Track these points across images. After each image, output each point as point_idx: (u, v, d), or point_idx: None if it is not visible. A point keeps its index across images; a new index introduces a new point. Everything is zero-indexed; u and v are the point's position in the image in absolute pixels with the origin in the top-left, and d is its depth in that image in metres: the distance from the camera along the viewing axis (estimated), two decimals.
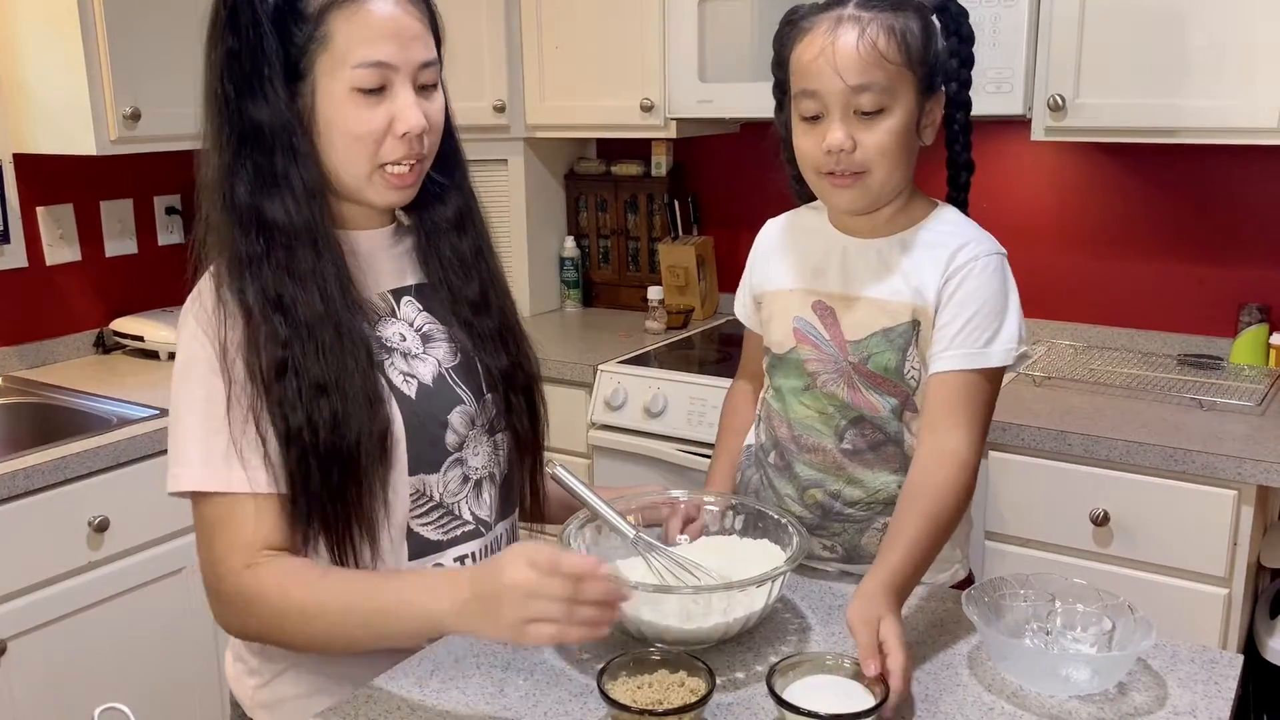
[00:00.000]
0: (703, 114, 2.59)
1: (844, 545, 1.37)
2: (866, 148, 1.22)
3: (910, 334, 1.28)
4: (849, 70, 1.19)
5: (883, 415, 1.31)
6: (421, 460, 1.22)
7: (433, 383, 1.24)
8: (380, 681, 1.15)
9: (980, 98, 2.21)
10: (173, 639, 2.18)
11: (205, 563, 1.17)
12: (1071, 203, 2.56)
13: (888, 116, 1.21)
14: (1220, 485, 1.88)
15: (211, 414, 1.13)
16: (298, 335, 1.13)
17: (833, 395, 1.32)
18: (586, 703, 1.09)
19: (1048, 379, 2.28)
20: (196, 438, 1.14)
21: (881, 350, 1.29)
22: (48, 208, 2.58)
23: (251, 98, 1.12)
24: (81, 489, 2.01)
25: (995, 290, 1.26)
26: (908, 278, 1.28)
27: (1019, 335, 1.27)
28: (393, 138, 1.15)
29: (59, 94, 2.30)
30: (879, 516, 1.34)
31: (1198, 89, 2.05)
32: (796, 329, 1.35)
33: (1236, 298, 2.40)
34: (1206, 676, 1.13)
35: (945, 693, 1.11)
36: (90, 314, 2.70)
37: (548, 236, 3.13)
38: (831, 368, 1.32)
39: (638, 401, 2.46)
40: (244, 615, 1.15)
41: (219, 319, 1.14)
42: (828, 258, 1.34)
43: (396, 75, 1.14)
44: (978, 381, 1.25)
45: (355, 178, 1.17)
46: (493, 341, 1.30)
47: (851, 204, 1.28)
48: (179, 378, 1.17)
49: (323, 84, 1.14)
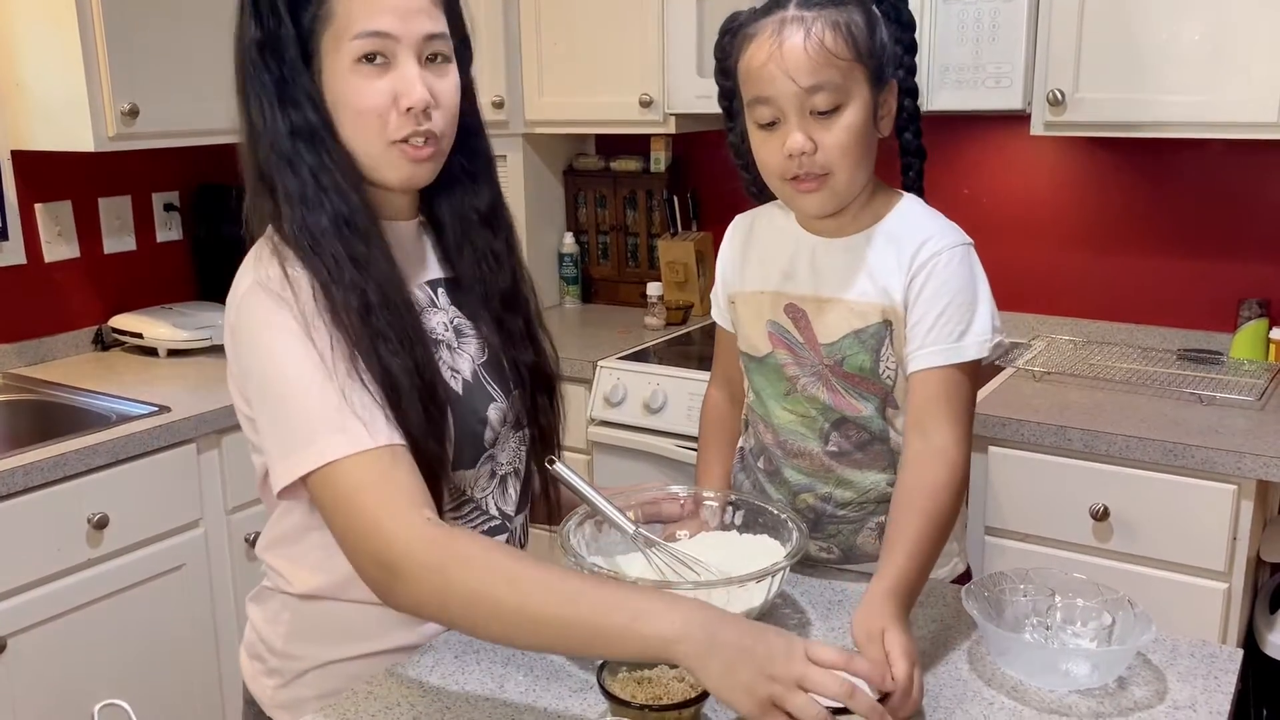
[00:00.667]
0: (702, 109, 2.58)
1: (840, 546, 1.36)
2: (827, 148, 1.20)
3: (882, 333, 1.27)
4: (800, 72, 1.17)
5: (865, 415, 1.30)
6: (462, 457, 1.21)
7: (472, 378, 1.24)
8: (381, 676, 1.15)
9: (979, 92, 2.25)
10: (173, 636, 2.18)
11: (370, 532, 1.04)
12: (1071, 197, 2.55)
13: (844, 113, 1.20)
14: (1220, 480, 1.88)
15: (321, 381, 1.07)
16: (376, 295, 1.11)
17: (813, 399, 1.32)
18: (586, 698, 1.09)
19: (1047, 374, 2.28)
20: (318, 407, 1.07)
21: (855, 352, 1.28)
22: (46, 205, 2.58)
23: (280, 85, 1.12)
24: (80, 486, 2.00)
25: (963, 283, 1.24)
26: (874, 278, 1.27)
27: (992, 325, 1.25)
28: (398, 113, 1.13)
29: (57, 90, 2.29)
30: (872, 516, 1.33)
31: (1198, 83, 2.05)
32: (771, 333, 1.34)
33: (1236, 292, 2.39)
34: (1206, 671, 1.13)
35: (945, 688, 1.11)
36: (89, 311, 2.69)
37: (547, 233, 3.13)
38: (809, 371, 1.31)
39: (637, 398, 2.46)
40: (446, 575, 1.01)
41: (295, 291, 1.11)
42: (796, 259, 1.33)
43: (398, 46, 1.12)
44: (956, 376, 1.24)
45: (370, 156, 1.15)
46: (521, 339, 1.30)
47: (820, 207, 1.26)
48: (265, 359, 1.10)
49: (328, 61, 1.13)
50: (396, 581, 1.03)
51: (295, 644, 1.24)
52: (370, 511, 1.04)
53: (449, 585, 1.01)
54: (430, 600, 1.03)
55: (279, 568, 1.25)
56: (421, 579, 1.02)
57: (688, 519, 1.35)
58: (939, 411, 1.23)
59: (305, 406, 1.07)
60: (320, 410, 1.07)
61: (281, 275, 1.11)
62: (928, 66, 2.21)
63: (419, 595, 1.03)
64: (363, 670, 1.21)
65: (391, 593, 1.05)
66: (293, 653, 1.25)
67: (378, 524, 1.04)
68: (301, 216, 1.12)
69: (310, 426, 1.07)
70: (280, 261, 1.12)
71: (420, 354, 1.14)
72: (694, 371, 2.44)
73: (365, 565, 1.06)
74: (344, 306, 1.10)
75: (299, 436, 1.07)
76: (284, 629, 1.25)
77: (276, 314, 1.10)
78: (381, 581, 1.05)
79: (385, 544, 1.03)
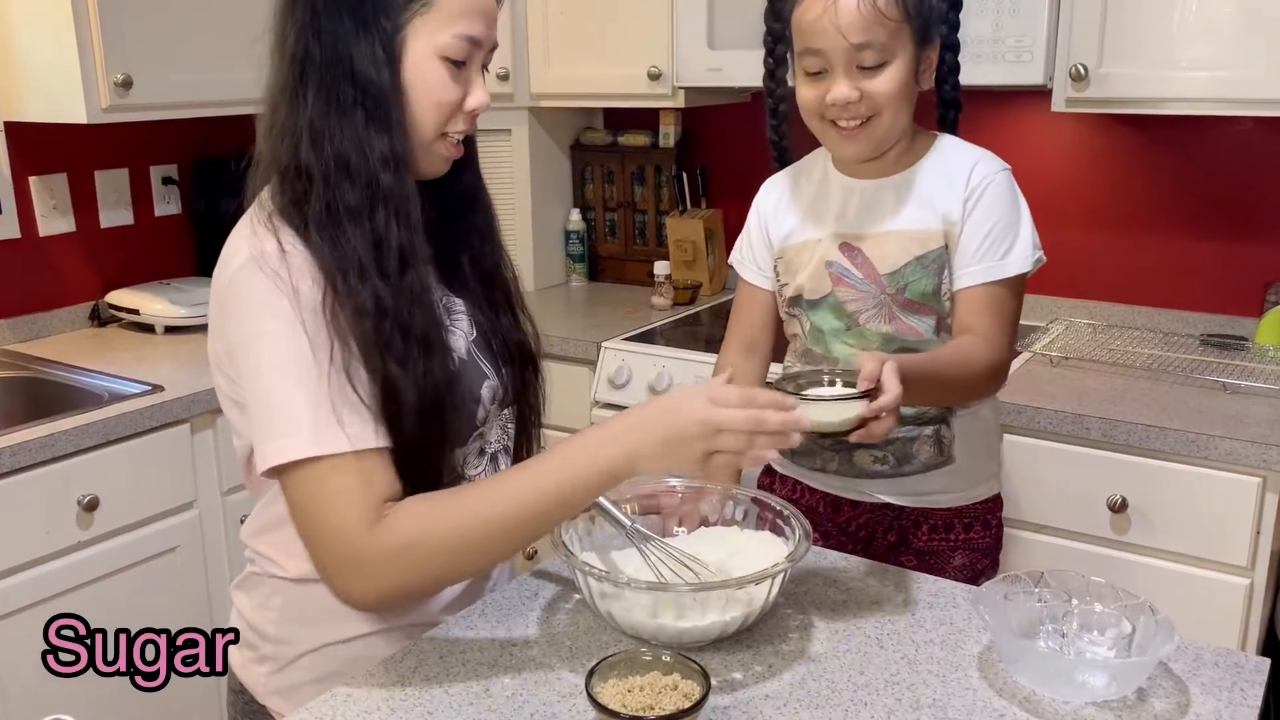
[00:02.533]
0: (712, 83, 2.51)
1: (895, 454, 1.44)
2: (872, 95, 1.29)
3: (944, 257, 1.37)
4: (851, 29, 1.26)
5: (925, 338, 1.40)
6: (458, 434, 1.20)
7: (467, 356, 1.24)
8: (361, 679, 1.10)
9: (1000, 67, 2.17)
10: (164, 619, 2.12)
11: (328, 534, 1.07)
12: (1092, 176, 2.48)
13: (888, 69, 1.29)
14: (1243, 472, 1.82)
15: (304, 374, 1.06)
16: (392, 288, 1.10)
17: (876, 330, 1.40)
18: (574, 704, 1.04)
19: (1065, 359, 2.21)
20: (298, 401, 1.06)
21: (918, 278, 1.37)
22: (41, 177, 2.53)
23: (354, 40, 1.10)
24: (70, 467, 1.96)
25: (1008, 205, 1.36)
26: (932, 205, 1.37)
27: (1033, 243, 1.37)
28: (462, 112, 1.17)
29: (49, 61, 2.24)
30: (928, 426, 1.43)
31: (1226, 58, 1.97)
32: (831, 273, 1.42)
33: (1263, 275, 2.32)
34: (1231, 683, 1.08)
35: (954, 696, 1.06)
36: (85, 286, 2.64)
37: (553, 209, 3.06)
38: (871, 304, 1.40)
39: (642, 380, 2.40)
40: (401, 569, 1.07)
41: (290, 272, 1.08)
42: (846, 204, 1.42)
43: (479, 53, 1.16)
44: (1000, 292, 1.35)
45: (421, 144, 1.16)
46: (508, 317, 1.31)
47: (859, 152, 1.36)
48: (253, 342, 1.09)
49: (414, 44, 1.12)
50: (357, 579, 1.07)
51: (288, 628, 1.23)
52: (332, 518, 1.06)
53: (417, 561, 1.07)
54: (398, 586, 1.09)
55: (268, 552, 1.23)
56: (386, 569, 1.07)
57: (687, 514, 1.30)
58: (983, 319, 1.34)
59: (290, 399, 1.07)
60: (304, 406, 1.06)
61: (279, 252, 1.08)
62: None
63: (380, 589, 1.08)
64: (361, 652, 1.19)
65: (349, 592, 1.09)
66: (286, 638, 1.23)
67: (339, 529, 1.06)
68: (354, 180, 1.10)
69: (291, 419, 1.06)
70: (277, 237, 1.09)
71: (435, 364, 1.13)
72: (701, 354, 2.38)
73: (326, 563, 1.08)
74: (355, 307, 1.08)
75: (278, 426, 1.07)
76: (275, 614, 1.24)
77: (272, 295, 1.07)
78: (340, 578, 1.08)
79: (349, 548, 1.06)
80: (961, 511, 1.50)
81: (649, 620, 1.11)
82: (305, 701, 1.19)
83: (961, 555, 1.50)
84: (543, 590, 1.27)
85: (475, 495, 1.10)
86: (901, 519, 1.50)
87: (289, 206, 1.11)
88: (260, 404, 1.09)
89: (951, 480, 1.47)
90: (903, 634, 1.17)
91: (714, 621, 1.11)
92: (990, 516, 1.53)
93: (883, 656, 1.13)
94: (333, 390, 1.07)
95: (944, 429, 1.44)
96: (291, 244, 1.09)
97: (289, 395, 1.06)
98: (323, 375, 1.06)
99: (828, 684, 1.08)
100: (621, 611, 1.12)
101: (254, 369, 1.09)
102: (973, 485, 1.50)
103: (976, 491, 1.50)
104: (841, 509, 1.52)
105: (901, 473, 1.45)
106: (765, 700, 1.05)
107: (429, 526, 1.06)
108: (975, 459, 1.49)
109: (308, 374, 1.06)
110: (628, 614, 1.12)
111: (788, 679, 1.09)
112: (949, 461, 1.46)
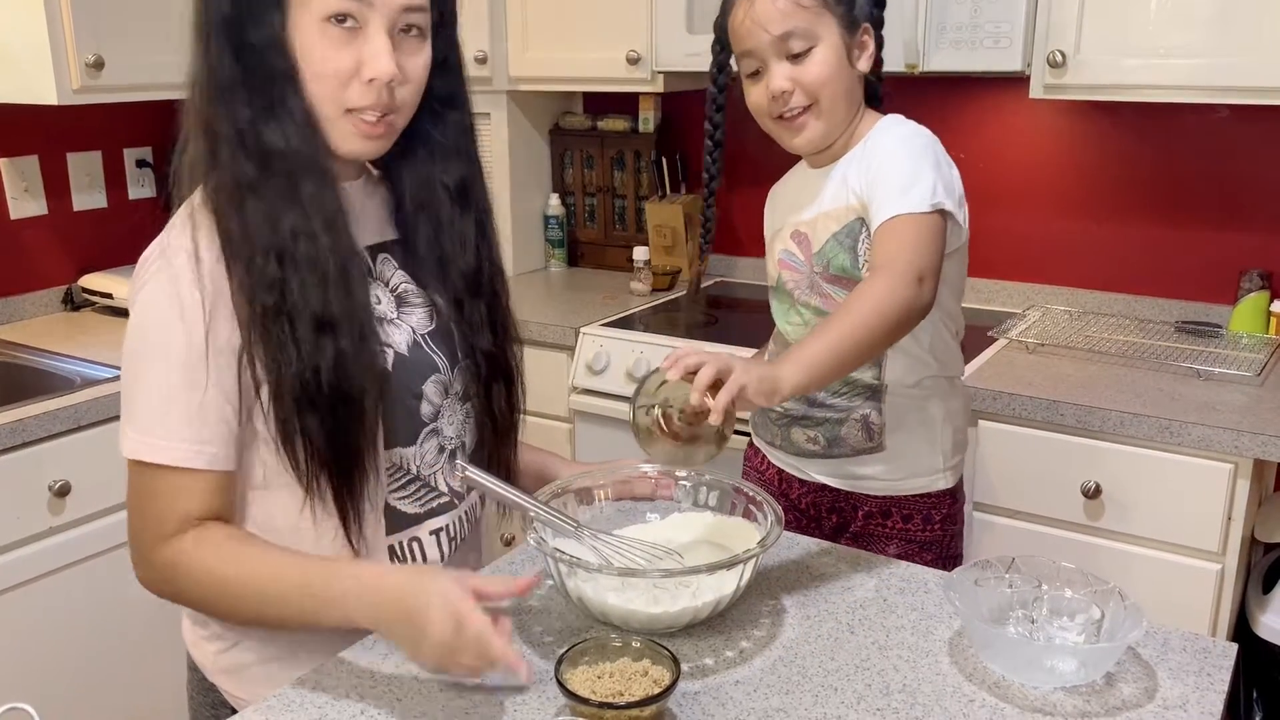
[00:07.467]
0: (691, 68, 2.49)
1: (825, 436, 1.47)
2: (805, 81, 1.35)
3: (857, 230, 1.38)
4: (771, 22, 1.33)
5: None
6: (398, 434, 1.18)
7: (408, 351, 1.19)
8: (331, 662, 1.10)
9: (978, 53, 2.17)
10: (136, 605, 2.10)
11: (131, 524, 1.12)
12: (1069, 163, 2.48)
13: (816, 52, 1.34)
14: (1216, 458, 1.83)
15: (171, 379, 1.07)
16: (296, 270, 1.07)
17: (808, 305, 1.45)
18: (545, 690, 1.04)
19: (1040, 346, 2.21)
20: (153, 402, 1.08)
21: (837, 254, 1.40)
22: (11, 159, 2.49)
23: (251, 18, 1.06)
24: (41, 452, 1.94)
25: (905, 150, 1.33)
26: (847, 181, 1.39)
27: (936, 187, 1.28)
28: (359, 82, 1.08)
29: (18, 40, 2.20)
30: (858, 409, 1.45)
31: (1204, 46, 1.97)
32: (780, 259, 1.49)
33: (1237, 263, 2.33)
34: (1198, 667, 1.08)
35: (924, 682, 1.06)
36: (58, 270, 2.61)
37: (532, 194, 3.04)
38: (805, 283, 1.45)
39: (620, 365, 2.40)
40: (170, 584, 1.11)
41: (192, 272, 1.07)
42: (801, 193, 1.48)
43: (371, 13, 1.07)
44: (904, 224, 1.27)
45: (323, 119, 1.10)
46: (481, 324, 1.25)
47: (809, 141, 1.40)
48: (137, 333, 1.10)
49: (296, 14, 1.07)
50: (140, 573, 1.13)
51: None
52: (135, 516, 1.11)
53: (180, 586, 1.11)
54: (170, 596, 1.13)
55: None
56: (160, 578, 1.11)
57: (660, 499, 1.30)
58: (886, 249, 1.27)
59: (151, 402, 1.09)
60: (151, 407, 1.09)
61: (189, 255, 1.08)
62: (924, 25, 2.14)
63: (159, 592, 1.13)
64: (306, 636, 1.17)
65: (138, 578, 1.14)
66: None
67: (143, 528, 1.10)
68: (249, 155, 1.07)
69: (135, 414, 1.10)
70: (193, 235, 1.09)
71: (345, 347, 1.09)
72: (680, 339, 2.38)
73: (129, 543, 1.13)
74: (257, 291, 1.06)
75: (129, 413, 1.11)
76: None
77: (162, 292, 1.08)
78: (133, 564, 1.13)
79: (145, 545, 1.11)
80: (900, 501, 1.49)
81: (620, 606, 1.10)
82: (253, 682, 1.20)
83: (896, 546, 1.49)
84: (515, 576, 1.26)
85: (254, 562, 1.09)
86: (839, 501, 1.52)
87: (204, 185, 1.10)
88: (128, 394, 1.11)
89: (886, 468, 1.47)
90: (874, 620, 1.17)
91: (685, 607, 1.11)
92: (934, 511, 1.50)
93: (854, 642, 1.13)
94: (196, 399, 1.07)
95: (873, 414, 1.45)
96: (207, 240, 1.08)
97: (151, 395, 1.09)
98: (184, 384, 1.07)
99: (798, 669, 1.08)
100: (593, 598, 1.12)
101: (131, 361, 1.11)
102: (910, 476, 1.48)
103: (914, 483, 1.49)
104: (793, 485, 1.56)
105: (832, 454, 1.48)
106: (736, 686, 1.05)
107: (200, 561, 1.09)
108: (913, 450, 1.47)
109: (168, 376, 1.07)
110: (600, 601, 1.11)
111: (759, 664, 1.09)
112: (879, 449, 1.46)
